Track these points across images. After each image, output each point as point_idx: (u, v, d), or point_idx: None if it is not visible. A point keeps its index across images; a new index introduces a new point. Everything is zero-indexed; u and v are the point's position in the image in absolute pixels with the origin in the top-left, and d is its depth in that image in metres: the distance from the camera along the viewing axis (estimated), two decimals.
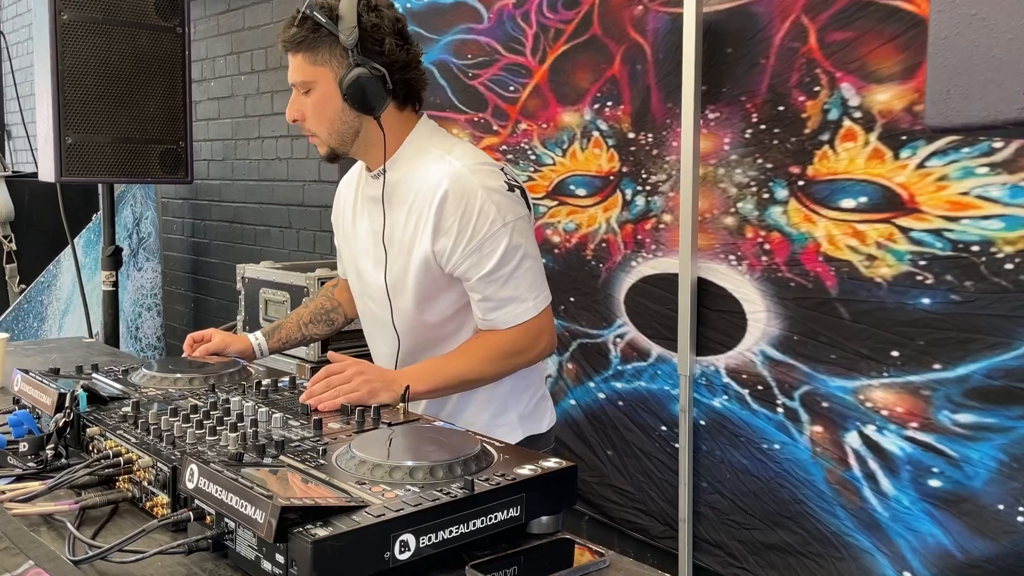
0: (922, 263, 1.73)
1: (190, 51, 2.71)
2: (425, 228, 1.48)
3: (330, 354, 1.59)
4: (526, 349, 1.52)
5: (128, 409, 1.37)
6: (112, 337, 2.88)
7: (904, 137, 1.74)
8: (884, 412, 1.80)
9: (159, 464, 1.13)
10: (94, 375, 1.65)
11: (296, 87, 1.51)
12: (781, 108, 1.94)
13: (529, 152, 2.53)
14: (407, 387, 1.45)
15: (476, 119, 2.68)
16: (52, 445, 1.33)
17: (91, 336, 3.10)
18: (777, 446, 2.00)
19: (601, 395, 2.40)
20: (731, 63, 2.02)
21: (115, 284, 2.88)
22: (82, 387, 1.40)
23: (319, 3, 1.46)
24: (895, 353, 1.78)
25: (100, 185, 2.96)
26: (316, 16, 1.44)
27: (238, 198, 4.04)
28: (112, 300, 2.89)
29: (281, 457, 1.13)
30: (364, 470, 1.06)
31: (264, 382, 1.58)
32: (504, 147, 2.61)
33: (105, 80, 2.57)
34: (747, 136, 2.01)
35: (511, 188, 1.49)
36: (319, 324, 1.85)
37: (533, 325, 1.50)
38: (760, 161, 1.99)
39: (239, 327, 2.60)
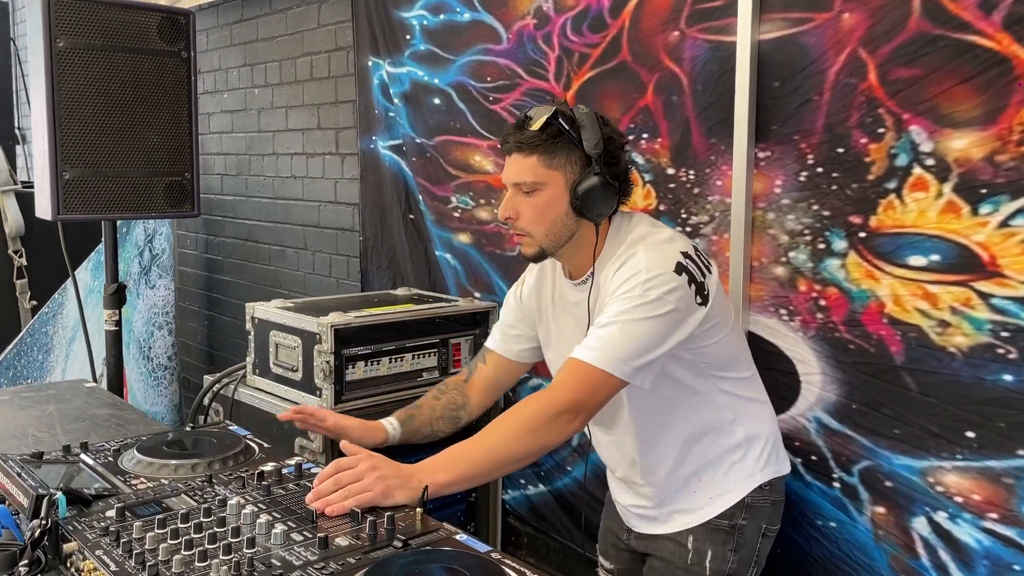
0: (1004, 335, 1.53)
1: (196, 77, 2.54)
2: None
3: (343, 445, 1.43)
4: (554, 414, 1.41)
5: (112, 515, 1.22)
6: (116, 378, 2.74)
7: (984, 190, 1.53)
8: (958, 499, 1.61)
9: None
10: (82, 456, 1.50)
11: (519, 186, 1.53)
12: (840, 150, 1.74)
13: None
14: (426, 488, 1.30)
15: (499, 147, 2.50)
16: (26, 561, 1.20)
17: (94, 377, 2.97)
18: (834, 524, 1.81)
19: None
20: (780, 98, 1.82)
21: (118, 323, 2.74)
22: (62, 490, 1.25)
23: (559, 111, 1.49)
24: (971, 434, 1.58)
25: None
26: (561, 124, 1.48)
27: (252, 216, 3.89)
28: (115, 340, 2.75)
29: None
30: None
31: (267, 470, 1.43)
32: None
33: (105, 110, 2.41)
34: (801, 179, 1.81)
35: (679, 272, 1.45)
36: (447, 421, 1.74)
37: (587, 377, 1.41)
38: (816, 208, 1.79)
39: (249, 369, 2.45)
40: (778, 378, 1.88)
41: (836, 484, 1.79)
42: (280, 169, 3.68)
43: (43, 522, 1.17)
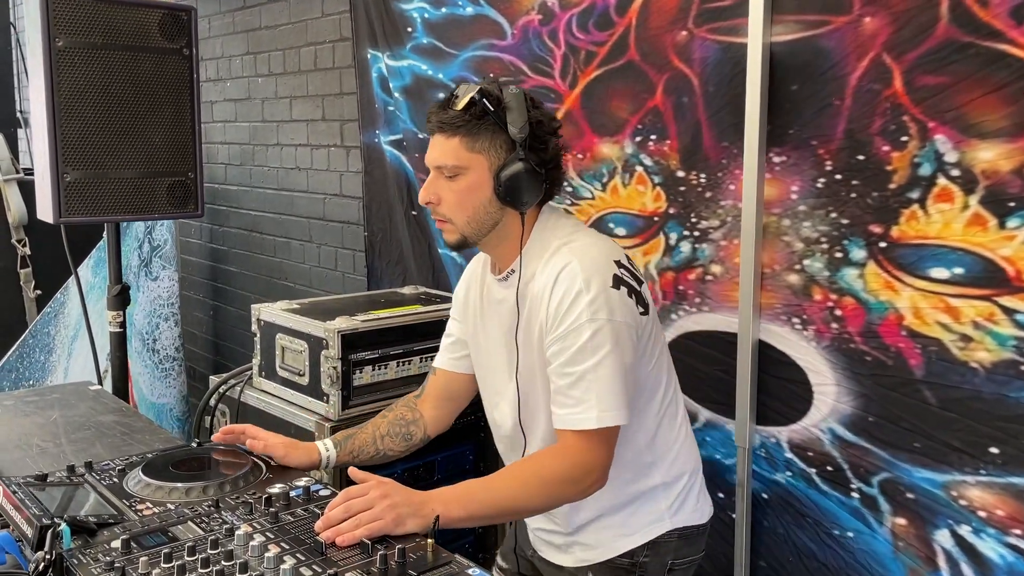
0: None
1: (198, 74, 2.48)
2: (540, 318, 1.45)
3: (351, 471, 1.40)
4: (581, 472, 1.38)
5: (118, 546, 1.20)
6: (121, 379, 2.72)
7: (1012, 204, 1.48)
8: (982, 513, 1.58)
9: None
10: (87, 476, 1.48)
11: (441, 170, 1.45)
12: (861, 157, 1.69)
13: (565, 183, 2.30)
14: (437, 517, 1.27)
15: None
16: None
17: (99, 377, 2.95)
18: (851, 534, 1.78)
19: None
20: (798, 102, 1.77)
21: (122, 324, 2.71)
22: (66, 520, 1.23)
23: (484, 90, 1.41)
24: (995, 450, 1.54)
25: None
26: (485, 104, 1.40)
27: (257, 207, 3.86)
28: (120, 341, 2.72)
29: None
30: None
31: (275, 492, 1.41)
32: None
33: (106, 110, 2.35)
34: (819, 186, 1.76)
35: (616, 286, 1.40)
36: (396, 439, 1.68)
37: (596, 439, 1.37)
38: (834, 215, 1.75)
39: (255, 372, 2.43)
40: (790, 388, 1.85)
41: (855, 494, 1.77)
42: (285, 160, 3.63)
43: (47, 556, 1.15)
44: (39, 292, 4.10)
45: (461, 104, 1.40)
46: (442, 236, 1.53)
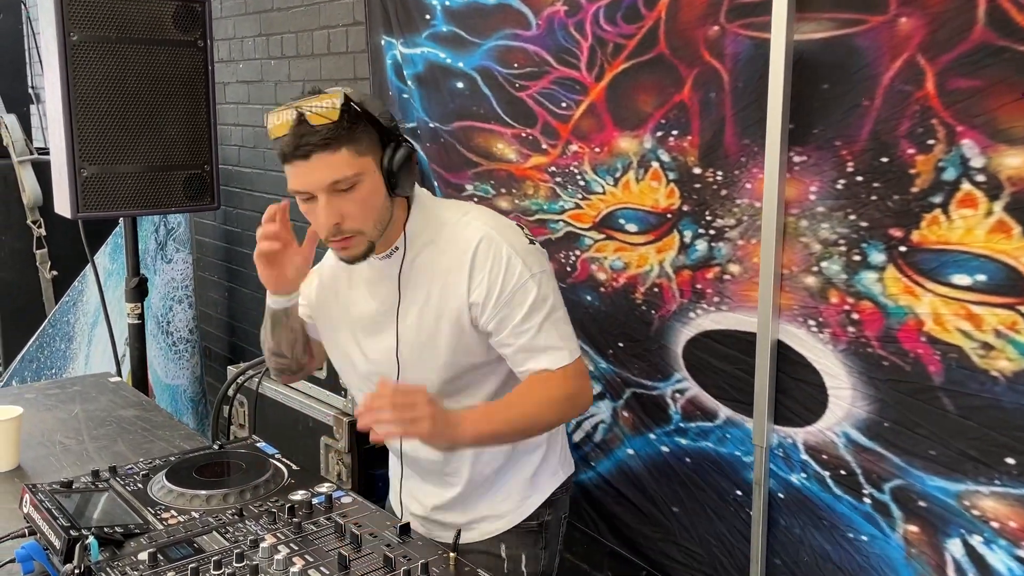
0: None
1: (213, 66, 2.47)
2: (457, 291, 1.50)
3: (381, 380, 1.38)
4: (579, 392, 1.54)
5: (145, 558, 1.22)
6: (140, 370, 2.74)
7: None
8: (994, 524, 1.58)
9: None
10: (111, 482, 1.50)
11: (335, 186, 1.41)
12: (884, 159, 1.67)
13: (578, 177, 2.29)
14: (459, 531, 1.31)
15: (524, 135, 2.43)
16: None
17: (117, 363, 2.97)
18: (865, 538, 1.79)
19: (665, 448, 2.20)
20: (826, 101, 1.74)
21: (140, 316, 2.72)
22: (93, 533, 1.25)
23: (346, 95, 1.40)
24: (1011, 460, 1.54)
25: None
26: (354, 107, 1.39)
27: (270, 190, 3.85)
28: (138, 333, 2.74)
29: None
30: None
31: (297, 499, 1.43)
32: (553, 168, 2.36)
33: (122, 105, 2.35)
34: (839, 187, 1.74)
35: (531, 242, 1.57)
36: (299, 354, 1.70)
37: (577, 369, 1.53)
38: (853, 217, 1.73)
39: None
40: (805, 390, 1.84)
41: (867, 500, 1.77)
42: None
43: (76, 569, 1.17)
44: (55, 273, 4.12)
45: (334, 115, 1.36)
46: (341, 255, 1.50)
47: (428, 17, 2.67)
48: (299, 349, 1.69)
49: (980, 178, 1.53)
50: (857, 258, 1.73)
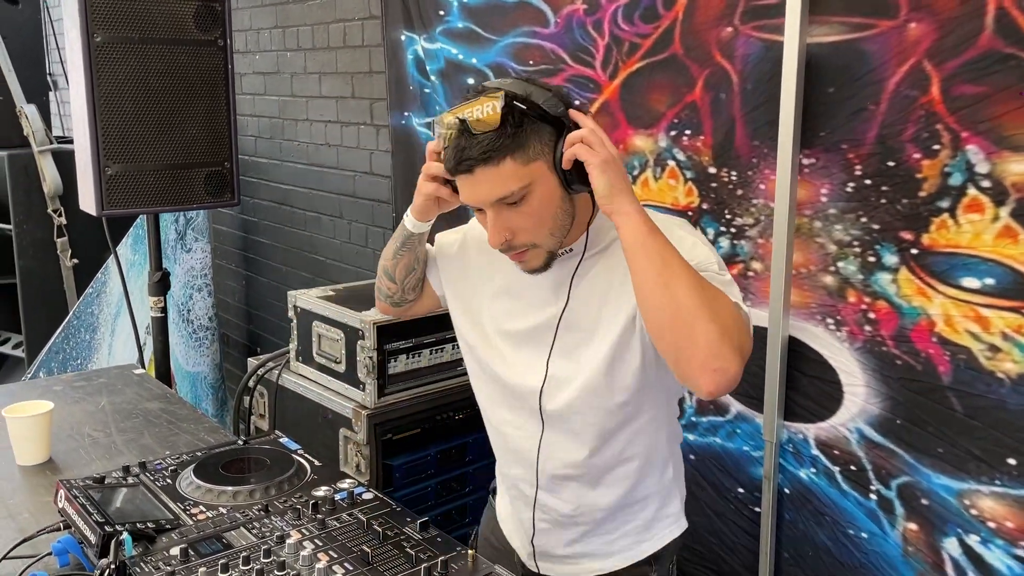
0: None
1: (233, 64, 2.51)
2: (624, 287, 1.28)
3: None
4: (738, 334, 1.21)
5: (176, 553, 1.28)
6: (163, 364, 2.80)
7: None
8: (992, 524, 1.61)
9: None
10: (141, 477, 1.56)
11: (503, 201, 1.24)
12: (891, 164, 1.69)
13: None
14: (476, 535, 1.33)
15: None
16: None
17: (140, 353, 3.03)
18: (865, 535, 1.83)
19: None
20: (832, 105, 1.77)
21: (163, 310, 2.78)
22: (127, 529, 1.31)
23: (508, 94, 1.20)
24: (1012, 461, 1.57)
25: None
26: (518, 106, 1.20)
27: (287, 180, 3.90)
28: (161, 327, 2.80)
29: None
30: None
31: (320, 495, 1.48)
32: None
33: (144, 104, 2.40)
34: (848, 190, 1.77)
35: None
36: (415, 279, 1.58)
37: (746, 322, 1.26)
38: (864, 220, 1.76)
39: (292, 356, 2.50)
40: (820, 387, 1.88)
41: (873, 496, 1.81)
42: (314, 136, 3.66)
43: (111, 565, 1.23)
44: (76, 261, 4.19)
45: (495, 121, 1.19)
46: (519, 267, 1.34)
47: (442, 13, 2.69)
48: (411, 282, 1.55)
49: (986, 184, 1.56)
50: (872, 259, 1.76)
